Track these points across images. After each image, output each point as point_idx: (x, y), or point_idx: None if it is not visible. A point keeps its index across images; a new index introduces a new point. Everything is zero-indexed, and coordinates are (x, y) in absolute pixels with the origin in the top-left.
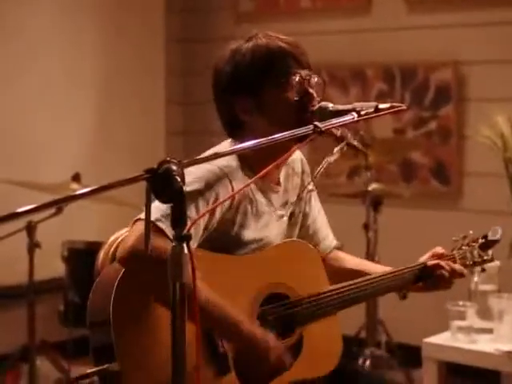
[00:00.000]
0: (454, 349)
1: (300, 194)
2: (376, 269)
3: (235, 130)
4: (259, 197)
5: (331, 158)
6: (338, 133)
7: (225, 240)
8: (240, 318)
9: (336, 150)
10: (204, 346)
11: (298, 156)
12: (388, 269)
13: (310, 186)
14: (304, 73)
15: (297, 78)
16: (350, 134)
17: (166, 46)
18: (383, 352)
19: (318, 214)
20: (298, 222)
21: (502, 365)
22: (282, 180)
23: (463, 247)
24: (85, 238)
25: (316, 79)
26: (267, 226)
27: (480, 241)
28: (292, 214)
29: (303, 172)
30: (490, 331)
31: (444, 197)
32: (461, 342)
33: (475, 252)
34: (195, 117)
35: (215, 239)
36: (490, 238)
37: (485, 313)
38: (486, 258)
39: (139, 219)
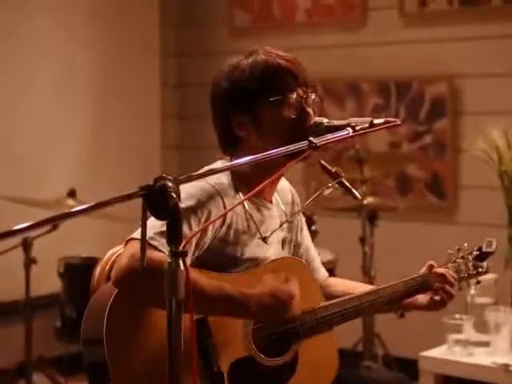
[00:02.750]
0: (451, 362)
1: (287, 221)
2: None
3: (231, 146)
4: (254, 214)
5: (324, 193)
6: (334, 169)
7: (219, 260)
8: (242, 290)
9: (329, 185)
10: (199, 364)
11: (287, 187)
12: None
13: (301, 220)
14: (301, 91)
15: (294, 96)
16: (343, 173)
17: (162, 60)
18: (380, 365)
19: (310, 245)
20: (291, 251)
21: (499, 378)
22: (273, 202)
23: (457, 260)
24: (81, 254)
25: (313, 97)
26: (262, 245)
27: (474, 253)
28: (284, 241)
29: (293, 202)
30: (486, 344)
31: (439, 210)
32: (458, 355)
33: (470, 264)
34: (191, 131)
35: (210, 259)
36: (485, 249)
37: (481, 326)
38: (480, 270)
39: (131, 239)
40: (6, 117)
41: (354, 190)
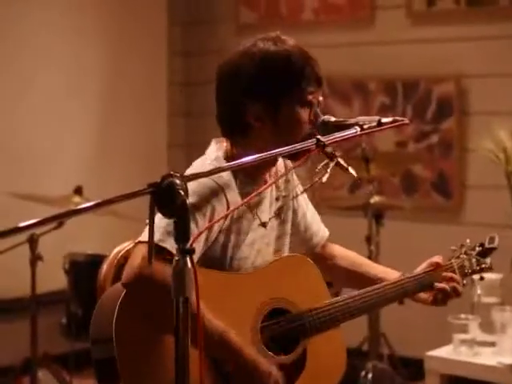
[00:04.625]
0: (457, 362)
1: (287, 195)
2: (371, 268)
3: (238, 133)
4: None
5: (322, 179)
6: (329, 150)
7: (224, 249)
8: (242, 345)
9: (326, 170)
10: (208, 363)
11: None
12: (382, 269)
13: (297, 187)
14: (319, 94)
15: (311, 97)
16: (339, 152)
17: (169, 58)
18: (386, 365)
19: (306, 209)
20: (289, 219)
21: (505, 378)
22: (268, 180)
23: (461, 256)
24: (87, 251)
25: (321, 98)
26: (259, 228)
27: (477, 249)
28: (280, 208)
29: (286, 167)
30: (492, 344)
31: (445, 210)
32: (463, 355)
33: (473, 260)
34: (197, 129)
35: (216, 250)
36: (487, 245)
37: (487, 326)
38: (484, 265)
39: (139, 242)
40: (13, 114)
41: (350, 169)
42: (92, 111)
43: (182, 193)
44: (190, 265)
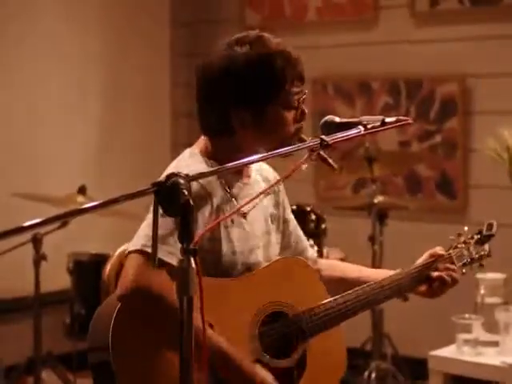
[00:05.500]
0: (460, 362)
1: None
2: (362, 273)
3: (220, 136)
4: (234, 192)
5: (302, 166)
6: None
7: (218, 245)
8: (240, 357)
9: (303, 159)
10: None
11: (266, 166)
12: (374, 272)
13: (286, 199)
14: (303, 91)
15: (297, 98)
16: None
17: (172, 59)
18: (389, 365)
19: (296, 224)
20: (281, 227)
21: (508, 378)
22: (252, 177)
23: (459, 245)
24: (90, 251)
25: (305, 92)
26: (247, 223)
27: (475, 237)
28: (272, 216)
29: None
30: (495, 344)
31: (449, 210)
32: (467, 354)
33: (471, 248)
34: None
35: (210, 248)
36: (485, 233)
37: (491, 326)
38: (482, 253)
39: (130, 252)
40: (17, 114)
41: (330, 160)
42: (95, 111)
43: (186, 192)
44: (193, 264)
